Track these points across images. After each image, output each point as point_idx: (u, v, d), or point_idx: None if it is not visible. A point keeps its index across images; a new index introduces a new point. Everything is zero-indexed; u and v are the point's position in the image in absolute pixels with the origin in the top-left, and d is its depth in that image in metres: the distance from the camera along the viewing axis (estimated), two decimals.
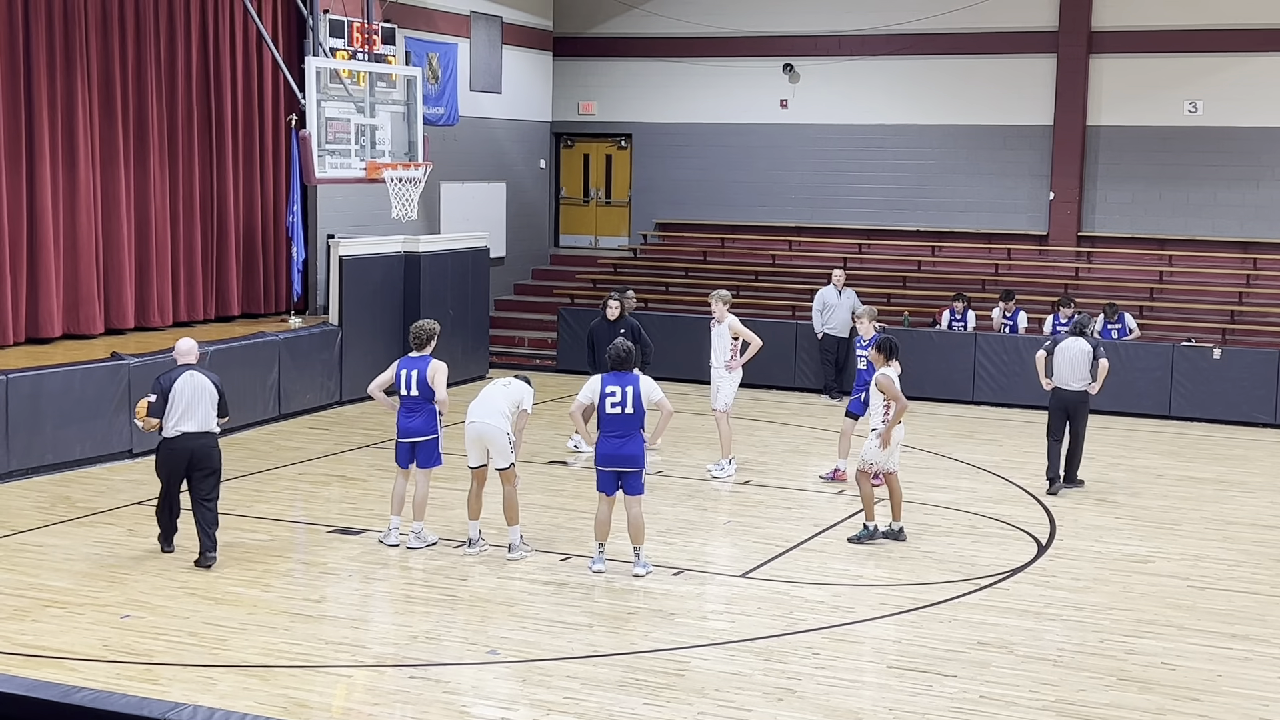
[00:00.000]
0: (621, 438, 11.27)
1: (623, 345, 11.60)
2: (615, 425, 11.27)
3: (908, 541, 12.54)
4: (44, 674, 8.82)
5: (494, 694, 8.98)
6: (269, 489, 14.35)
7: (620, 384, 11.30)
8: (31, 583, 10.93)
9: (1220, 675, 9.52)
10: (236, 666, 9.28)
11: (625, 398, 11.25)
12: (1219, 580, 11.76)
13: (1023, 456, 16.56)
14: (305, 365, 18.13)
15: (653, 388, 11.40)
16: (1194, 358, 19.22)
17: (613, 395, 11.27)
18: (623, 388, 11.28)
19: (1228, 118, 22.33)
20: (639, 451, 11.33)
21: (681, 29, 25.05)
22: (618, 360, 11.43)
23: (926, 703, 8.86)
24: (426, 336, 12.23)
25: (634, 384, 11.30)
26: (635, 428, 11.31)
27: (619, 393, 11.27)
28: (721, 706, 8.73)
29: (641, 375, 11.48)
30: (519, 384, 11.99)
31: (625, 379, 11.33)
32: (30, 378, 14.40)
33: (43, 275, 16.71)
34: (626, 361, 11.43)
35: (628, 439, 11.28)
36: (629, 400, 11.24)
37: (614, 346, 11.58)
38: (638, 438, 11.34)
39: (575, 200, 27.04)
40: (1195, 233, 22.68)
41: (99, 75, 17.27)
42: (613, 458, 11.31)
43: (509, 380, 12.05)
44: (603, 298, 15.99)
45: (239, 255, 19.50)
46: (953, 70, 23.90)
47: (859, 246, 24.36)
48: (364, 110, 17.70)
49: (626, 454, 11.28)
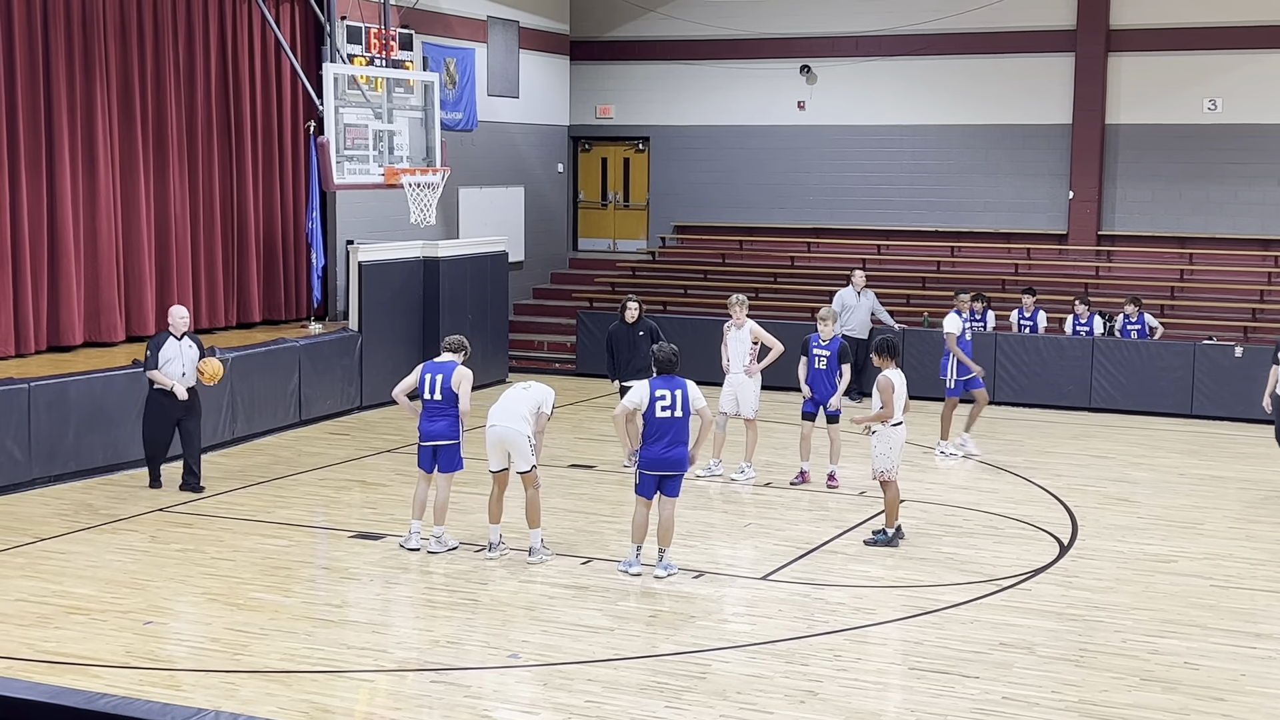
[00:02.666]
0: (670, 443, 11.30)
1: (669, 348, 11.57)
2: (665, 429, 11.28)
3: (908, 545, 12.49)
4: (67, 681, 8.86)
5: (516, 698, 8.99)
6: (290, 494, 14.39)
7: (669, 388, 11.33)
8: (55, 590, 10.98)
9: (1244, 675, 9.48)
10: (259, 672, 9.30)
11: (675, 401, 11.28)
12: (1242, 580, 11.71)
13: (1043, 457, 16.52)
14: (326, 371, 18.18)
15: (698, 394, 11.42)
16: (1216, 356, 19.15)
17: (663, 399, 11.28)
18: (672, 391, 11.31)
19: (1248, 115, 22.24)
20: (684, 456, 11.37)
21: (698, 31, 25.05)
22: (665, 364, 11.43)
23: (948, 704, 8.84)
24: (457, 346, 12.28)
25: (682, 388, 11.33)
26: (683, 431, 11.34)
27: (669, 396, 11.29)
28: (743, 709, 8.72)
29: (688, 381, 11.46)
30: (540, 387, 12.00)
31: (674, 383, 11.36)
32: (52, 386, 14.47)
33: (64, 283, 16.78)
34: (673, 365, 11.45)
35: (676, 444, 11.31)
36: (678, 404, 11.28)
37: (661, 350, 11.54)
38: (684, 442, 11.36)
39: (593, 204, 27.06)
40: (1216, 231, 22.59)
41: (118, 83, 17.35)
42: (659, 462, 11.33)
43: (529, 384, 12.06)
44: (621, 301, 15.99)
45: (259, 262, 19.57)
46: (971, 70, 23.85)
47: (878, 247, 24.32)
48: (382, 116, 17.75)
49: (673, 458, 11.32)
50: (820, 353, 14.75)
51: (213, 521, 13.15)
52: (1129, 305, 19.79)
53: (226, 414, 16.38)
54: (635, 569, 11.52)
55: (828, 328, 14.70)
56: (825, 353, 14.72)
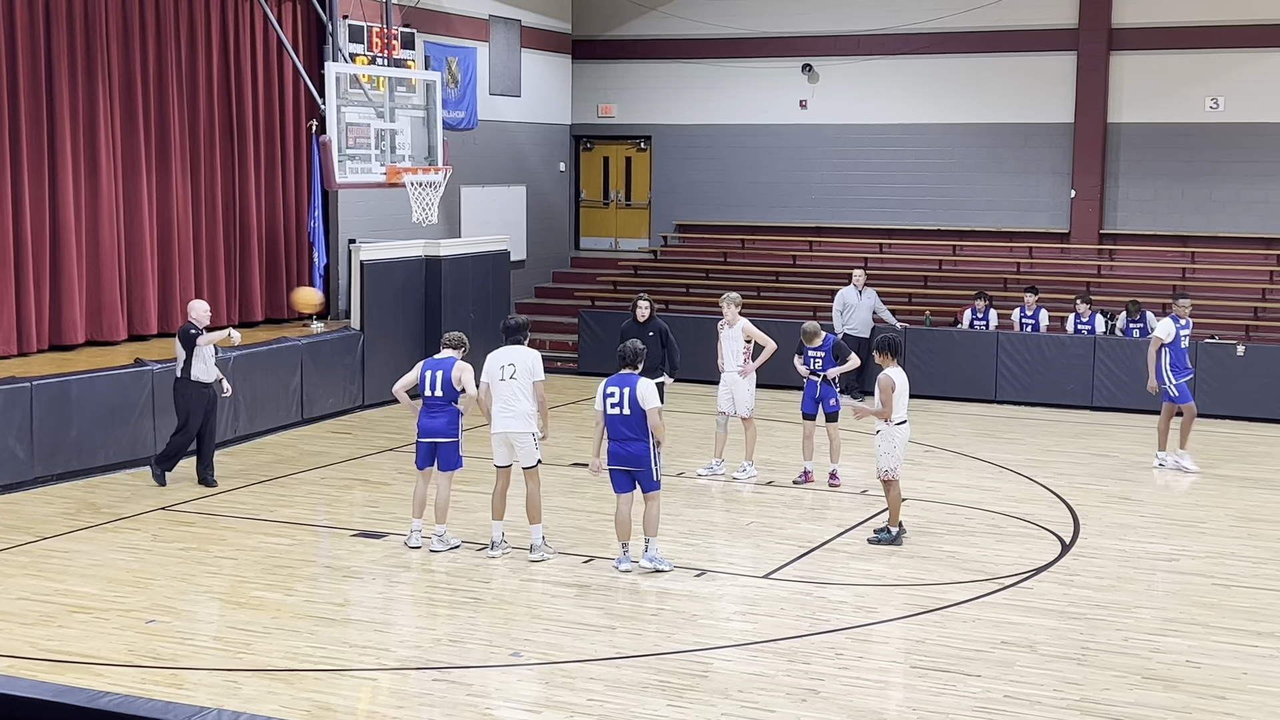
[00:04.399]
0: (623, 439, 11.32)
1: (630, 347, 11.60)
2: (615, 426, 11.34)
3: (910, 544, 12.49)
4: (70, 679, 8.87)
5: (517, 696, 8.99)
6: (292, 493, 14.40)
7: (620, 385, 11.37)
8: (57, 588, 10.99)
9: (1246, 673, 9.48)
10: (261, 670, 9.31)
11: (623, 399, 11.30)
12: (1244, 578, 11.70)
13: (1045, 455, 16.52)
14: (328, 370, 18.19)
15: (649, 392, 11.36)
16: (1217, 355, 19.14)
17: (612, 396, 11.36)
18: (621, 389, 11.34)
19: (1250, 114, 22.24)
20: (643, 451, 11.36)
21: (700, 30, 25.06)
22: (623, 360, 11.52)
23: (950, 702, 8.85)
24: (457, 342, 12.31)
25: (631, 385, 11.33)
26: (635, 428, 11.31)
27: (618, 394, 11.34)
28: (744, 707, 8.73)
29: (641, 378, 11.45)
30: (522, 364, 11.81)
31: (626, 380, 11.38)
32: (54, 384, 14.47)
33: (66, 282, 16.80)
34: (632, 363, 11.47)
35: (630, 440, 11.32)
36: (625, 401, 11.29)
37: (623, 347, 11.62)
38: (638, 438, 11.34)
39: (595, 202, 27.07)
40: (1218, 229, 22.59)
41: (120, 82, 17.36)
42: (615, 457, 11.41)
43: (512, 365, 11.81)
44: (631, 300, 16.00)
45: (261, 261, 19.58)
46: (973, 69, 23.85)
47: (880, 246, 24.33)
48: (384, 115, 17.76)
49: (630, 453, 11.34)
50: (815, 354, 14.76)
51: (215, 520, 13.16)
52: (1123, 313, 19.83)
53: (229, 413, 16.37)
54: (624, 565, 11.52)
55: (814, 341, 14.73)
56: (819, 354, 14.73)
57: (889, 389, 12.30)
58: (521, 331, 12.10)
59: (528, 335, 12.20)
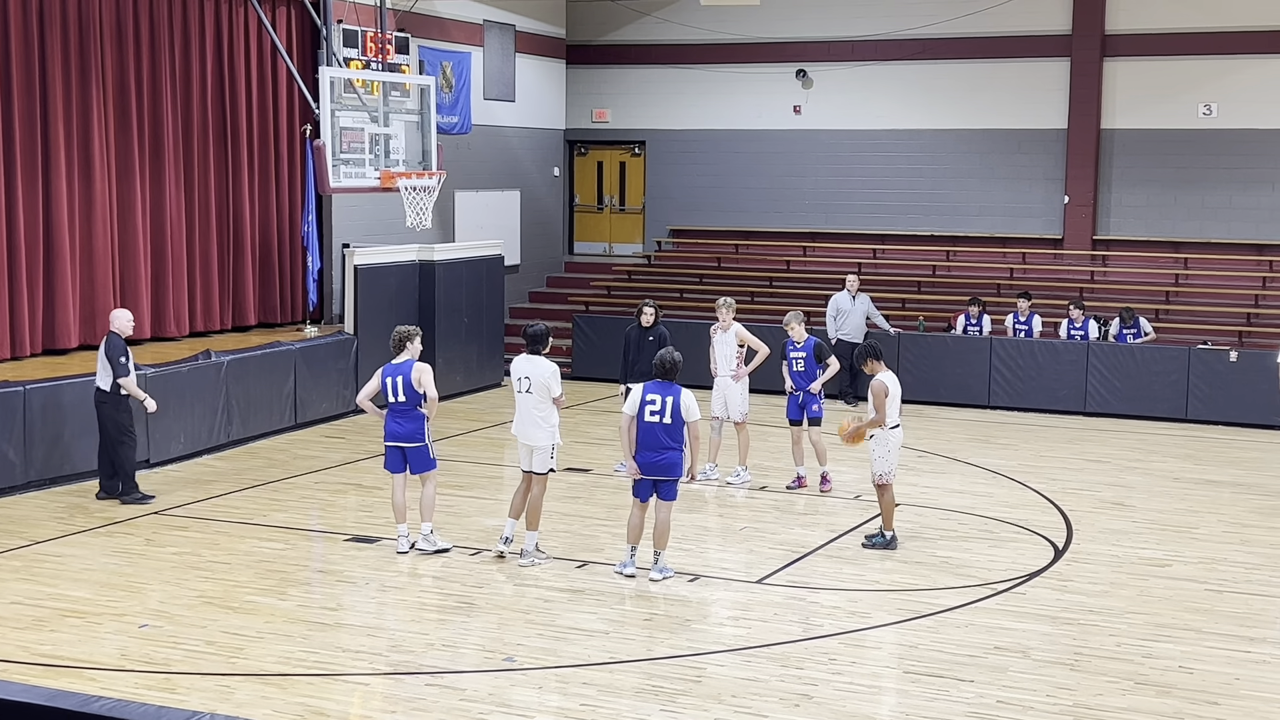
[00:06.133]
0: (660, 448, 11.31)
1: (669, 356, 11.55)
2: (652, 434, 11.31)
3: (902, 549, 12.50)
4: (63, 684, 8.86)
5: (511, 701, 8.99)
6: (286, 498, 14.39)
7: (662, 394, 11.35)
8: (50, 593, 10.97)
9: (1238, 679, 9.50)
10: (254, 675, 9.30)
11: (664, 407, 11.29)
12: (1236, 583, 11.72)
13: (1039, 461, 16.54)
14: (321, 374, 18.18)
15: (692, 404, 11.40)
16: (1210, 361, 19.18)
17: (652, 404, 11.32)
18: (664, 397, 11.33)
19: (1242, 120, 22.27)
20: (677, 460, 11.39)
21: (695, 36, 25.07)
22: (662, 370, 11.46)
23: (943, 708, 8.86)
24: (402, 340, 12.25)
25: (675, 395, 11.33)
26: (674, 437, 11.34)
27: (659, 401, 11.32)
28: (738, 712, 8.73)
29: (684, 389, 11.45)
30: (539, 377, 11.87)
31: (669, 389, 11.37)
32: (48, 389, 14.47)
33: (59, 286, 16.77)
34: (671, 372, 11.45)
35: (667, 449, 11.32)
36: (668, 411, 11.29)
37: (662, 356, 11.54)
38: (674, 447, 11.36)
39: (589, 207, 27.07)
40: (1211, 235, 22.62)
41: (114, 87, 17.34)
42: (649, 466, 11.38)
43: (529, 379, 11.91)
44: (635, 305, 16.02)
45: (255, 265, 19.56)
46: (966, 74, 23.88)
47: (873, 252, 24.35)
48: (378, 119, 17.76)
49: (663, 463, 11.34)
50: (796, 355, 14.81)
51: (208, 524, 13.15)
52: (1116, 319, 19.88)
53: (221, 417, 16.38)
54: (630, 570, 11.55)
55: (796, 330, 14.78)
56: (801, 354, 14.78)
57: (882, 394, 12.34)
58: (541, 341, 12.05)
59: (548, 344, 12.15)
